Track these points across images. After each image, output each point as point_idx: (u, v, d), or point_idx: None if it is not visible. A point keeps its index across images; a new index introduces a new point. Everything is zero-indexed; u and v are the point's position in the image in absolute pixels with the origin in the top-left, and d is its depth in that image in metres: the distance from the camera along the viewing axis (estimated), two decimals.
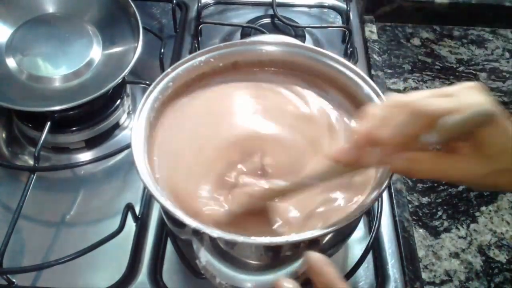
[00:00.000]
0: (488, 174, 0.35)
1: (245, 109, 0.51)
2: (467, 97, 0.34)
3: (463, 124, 0.33)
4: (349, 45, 0.79)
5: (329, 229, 0.39)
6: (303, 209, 0.43)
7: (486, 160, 0.35)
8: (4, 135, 0.68)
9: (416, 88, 0.78)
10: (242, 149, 0.47)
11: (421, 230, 0.62)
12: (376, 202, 0.57)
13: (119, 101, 0.68)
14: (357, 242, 0.57)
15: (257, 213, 0.42)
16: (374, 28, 0.85)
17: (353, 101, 0.51)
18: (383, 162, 0.36)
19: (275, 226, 0.42)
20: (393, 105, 0.35)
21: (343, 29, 0.82)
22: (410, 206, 0.63)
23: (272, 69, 0.54)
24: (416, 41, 0.86)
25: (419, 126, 0.33)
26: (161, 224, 0.58)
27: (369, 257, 0.56)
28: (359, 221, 0.54)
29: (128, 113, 0.70)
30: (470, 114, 0.32)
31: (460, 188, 0.66)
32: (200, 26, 0.81)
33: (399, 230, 0.59)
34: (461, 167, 0.35)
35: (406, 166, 0.35)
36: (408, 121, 0.33)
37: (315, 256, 0.35)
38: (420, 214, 0.63)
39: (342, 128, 0.50)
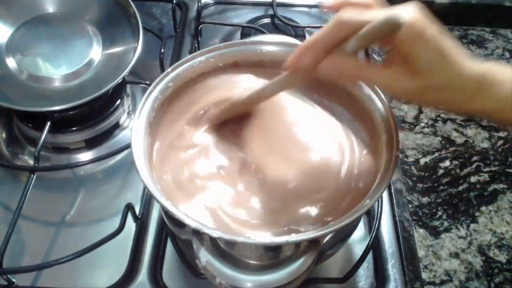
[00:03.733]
0: (415, 89, 0.37)
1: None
2: (390, 10, 0.35)
3: (374, 30, 0.35)
4: None
5: (329, 229, 0.39)
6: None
7: (413, 75, 0.36)
8: (4, 135, 0.68)
9: None
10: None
11: (421, 230, 0.62)
12: (376, 202, 0.57)
13: (119, 101, 0.68)
14: (357, 242, 0.57)
15: None
16: None
17: (352, 101, 0.51)
18: (314, 64, 0.39)
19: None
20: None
21: None
22: (410, 206, 0.63)
23: (272, 69, 0.54)
24: None
25: (340, 33, 0.37)
26: (161, 224, 0.58)
27: (369, 257, 0.56)
28: (359, 221, 0.54)
29: (128, 113, 0.70)
30: (380, 19, 0.35)
31: (460, 188, 0.66)
32: (200, 26, 0.81)
33: (399, 230, 0.59)
34: (388, 77, 0.38)
35: (332, 68, 0.38)
36: (332, 27, 0.37)
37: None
38: (420, 214, 0.63)
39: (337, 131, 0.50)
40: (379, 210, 0.57)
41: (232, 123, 0.50)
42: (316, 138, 0.49)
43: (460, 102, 0.38)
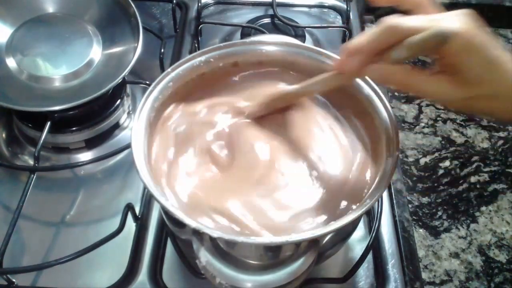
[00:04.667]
0: (464, 98, 0.36)
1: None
2: (443, 20, 0.35)
3: (423, 41, 0.35)
4: None
5: (329, 229, 0.39)
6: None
7: (462, 85, 0.36)
8: (4, 135, 0.68)
9: None
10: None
11: (421, 230, 0.62)
12: (376, 202, 0.57)
13: (119, 101, 0.68)
14: (357, 242, 0.57)
15: None
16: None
17: (353, 101, 0.51)
18: (362, 70, 0.39)
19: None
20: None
21: (343, 29, 0.82)
22: (410, 206, 0.63)
23: (272, 69, 0.54)
24: None
25: (388, 39, 0.36)
26: (161, 224, 0.58)
27: (369, 257, 0.56)
28: (359, 221, 0.54)
29: (128, 113, 0.70)
30: (429, 32, 0.34)
31: (460, 188, 0.66)
32: (200, 26, 0.81)
33: (399, 230, 0.59)
34: (435, 86, 0.37)
35: (379, 74, 0.39)
36: (380, 33, 0.37)
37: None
38: (420, 214, 0.63)
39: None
40: (379, 210, 0.57)
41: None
42: (317, 138, 0.49)
43: (504, 110, 0.38)
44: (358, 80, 0.49)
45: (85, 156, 0.66)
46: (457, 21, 0.35)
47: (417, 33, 0.35)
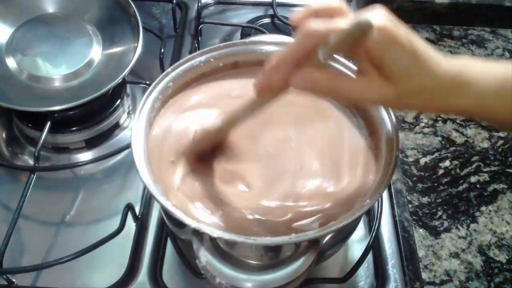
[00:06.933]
0: (392, 95, 0.36)
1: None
2: (362, 14, 0.34)
3: (345, 35, 0.34)
4: None
5: (329, 229, 0.39)
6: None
7: (389, 82, 0.35)
8: (4, 135, 0.68)
9: None
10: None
11: (421, 230, 0.62)
12: (376, 202, 0.57)
13: (119, 101, 0.68)
14: (357, 242, 0.57)
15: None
16: None
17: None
18: (285, 81, 0.37)
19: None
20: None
21: None
22: (410, 206, 0.63)
23: None
24: None
25: (308, 44, 0.35)
26: (161, 224, 0.58)
27: (369, 257, 0.56)
28: (359, 221, 0.54)
29: (128, 113, 0.70)
30: (350, 25, 0.33)
31: (460, 188, 0.66)
32: (200, 26, 0.81)
33: (399, 230, 0.59)
34: (364, 86, 0.36)
35: (306, 81, 0.36)
36: (299, 39, 0.36)
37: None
38: (420, 214, 0.63)
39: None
40: (379, 210, 0.57)
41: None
42: (317, 139, 0.49)
43: (437, 102, 0.37)
44: None
45: (85, 156, 0.66)
46: (376, 14, 0.34)
47: (336, 31, 0.34)
